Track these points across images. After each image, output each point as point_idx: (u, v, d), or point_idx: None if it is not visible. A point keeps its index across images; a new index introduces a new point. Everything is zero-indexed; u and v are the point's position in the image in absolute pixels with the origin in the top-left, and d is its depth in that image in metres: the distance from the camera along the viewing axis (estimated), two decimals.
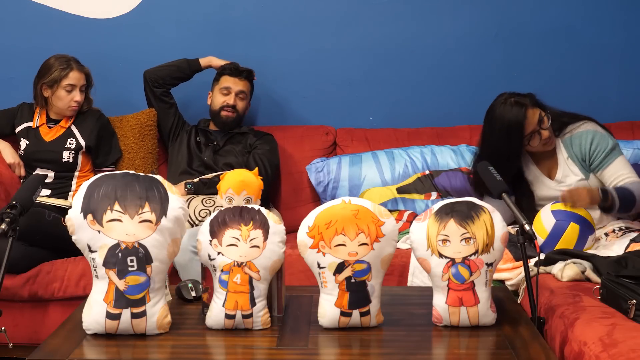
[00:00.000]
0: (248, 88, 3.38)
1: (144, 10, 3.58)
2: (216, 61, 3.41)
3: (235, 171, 2.10)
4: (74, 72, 3.18)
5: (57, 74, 3.16)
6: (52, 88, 3.18)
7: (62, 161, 3.20)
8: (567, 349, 1.99)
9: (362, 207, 1.95)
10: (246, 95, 3.37)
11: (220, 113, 3.34)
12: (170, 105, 3.42)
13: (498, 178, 2.29)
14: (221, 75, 3.37)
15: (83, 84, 3.21)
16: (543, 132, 2.79)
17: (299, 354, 1.84)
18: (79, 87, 3.19)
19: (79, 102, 3.21)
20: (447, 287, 1.96)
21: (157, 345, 1.89)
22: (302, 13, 3.58)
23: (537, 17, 3.53)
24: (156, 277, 1.91)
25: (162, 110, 3.41)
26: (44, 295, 2.86)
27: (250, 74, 3.38)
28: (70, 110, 3.22)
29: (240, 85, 3.34)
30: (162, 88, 3.39)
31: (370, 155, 3.36)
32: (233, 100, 3.32)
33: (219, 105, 3.34)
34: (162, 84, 3.39)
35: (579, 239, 2.60)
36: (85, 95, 3.25)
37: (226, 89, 3.33)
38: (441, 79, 3.59)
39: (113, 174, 1.96)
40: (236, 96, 3.33)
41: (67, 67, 3.17)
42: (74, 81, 3.17)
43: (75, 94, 3.18)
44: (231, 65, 3.37)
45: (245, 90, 3.36)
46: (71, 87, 3.17)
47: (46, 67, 3.19)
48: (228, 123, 3.35)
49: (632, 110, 3.06)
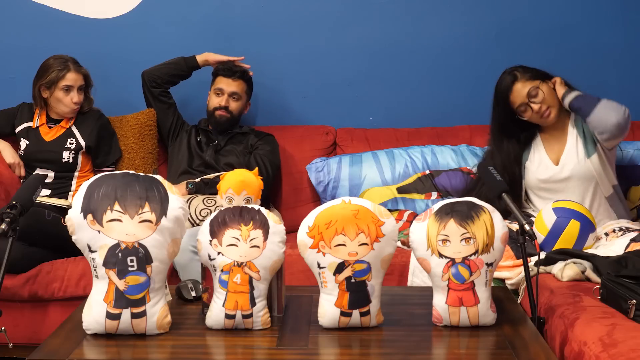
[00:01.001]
0: (242, 88, 3.37)
1: (144, 10, 3.57)
2: (213, 57, 3.39)
3: (235, 171, 2.10)
4: (71, 73, 3.17)
5: (55, 75, 3.15)
6: (50, 89, 3.17)
7: (62, 161, 3.20)
8: (567, 349, 1.99)
9: (362, 207, 1.95)
10: (240, 96, 3.36)
11: (214, 113, 3.35)
12: (169, 105, 3.42)
13: (498, 178, 2.29)
14: (216, 76, 3.38)
15: (81, 85, 3.20)
16: (533, 105, 2.84)
17: (299, 354, 1.85)
18: (76, 87, 3.18)
19: (78, 103, 3.20)
20: (447, 287, 1.96)
21: (157, 345, 1.89)
22: (302, 13, 3.58)
23: (537, 17, 3.53)
24: (156, 277, 1.91)
25: (161, 110, 3.41)
26: (44, 295, 2.86)
27: (244, 73, 3.37)
28: (71, 112, 3.22)
29: (233, 87, 3.34)
30: (160, 88, 3.39)
31: (370, 155, 3.36)
32: (225, 101, 3.32)
33: (213, 106, 3.35)
34: (160, 83, 3.38)
35: (579, 236, 2.61)
36: (85, 96, 3.25)
37: (219, 90, 3.34)
38: (441, 79, 3.59)
39: (113, 174, 1.96)
40: (229, 97, 3.33)
41: (64, 68, 3.16)
42: (71, 82, 3.17)
43: (73, 95, 3.18)
44: (225, 65, 3.36)
45: (239, 91, 3.35)
46: (68, 88, 3.17)
47: (44, 68, 3.19)
48: (222, 123, 3.35)
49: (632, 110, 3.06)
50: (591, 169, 2.84)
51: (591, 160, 2.84)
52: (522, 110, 2.88)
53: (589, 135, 2.87)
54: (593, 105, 2.74)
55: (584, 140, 2.87)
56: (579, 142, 2.88)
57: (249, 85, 3.41)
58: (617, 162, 3.12)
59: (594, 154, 2.84)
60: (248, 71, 3.38)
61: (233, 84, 3.34)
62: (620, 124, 2.71)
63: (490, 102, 3.00)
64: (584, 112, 2.77)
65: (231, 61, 3.38)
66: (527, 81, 2.87)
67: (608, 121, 2.71)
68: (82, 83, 3.21)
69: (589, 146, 2.86)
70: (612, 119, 2.71)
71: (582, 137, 2.88)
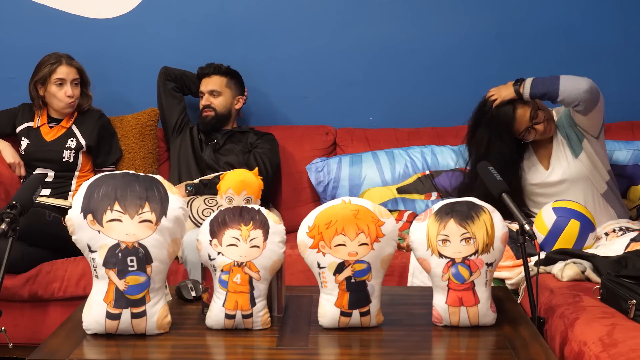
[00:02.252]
0: (221, 83, 3.36)
1: (144, 10, 3.57)
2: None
3: (235, 171, 2.10)
4: (63, 67, 3.17)
5: (47, 70, 3.16)
6: (44, 85, 3.18)
7: (62, 160, 3.20)
8: (567, 349, 1.99)
9: (362, 207, 1.95)
10: (220, 92, 3.36)
11: (202, 115, 3.37)
12: (179, 101, 3.44)
13: (498, 178, 2.29)
14: (200, 81, 3.41)
15: (75, 78, 3.19)
16: (537, 127, 2.84)
17: (299, 354, 1.84)
18: (69, 81, 3.17)
19: (72, 97, 3.19)
20: (447, 287, 1.96)
21: (157, 345, 1.89)
22: (302, 13, 3.58)
23: (536, 17, 3.53)
24: (156, 277, 1.91)
25: (171, 106, 3.41)
26: (44, 295, 2.86)
27: (217, 68, 3.37)
28: (68, 107, 3.21)
29: (210, 85, 3.35)
30: (174, 83, 3.42)
31: (370, 155, 3.36)
32: (206, 100, 3.35)
33: (200, 109, 3.38)
34: (174, 78, 3.41)
35: (579, 236, 2.61)
36: (82, 93, 3.24)
37: (201, 93, 3.38)
38: (441, 79, 3.59)
39: (113, 174, 1.96)
40: (210, 95, 3.35)
41: (56, 62, 3.17)
42: (63, 75, 3.16)
43: (67, 88, 3.17)
44: (201, 68, 3.39)
45: (217, 88, 3.35)
46: (61, 82, 3.16)
47: (38, 66, 3.20)
48: (208, 122, 3.36)
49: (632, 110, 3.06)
50: (582, 169, 2.85)
51: (580, 159, 2.85)
52: (526, 135, 2.87)
53: (573, 135, 2.87)
54: (556, 84, 2.73)
55: (569, 142, 2.88)
56: (564, 145, 2.89)
57: (230, 78, 3.39)
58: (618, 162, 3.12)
59: (581, 152, 2.85)
60: (222, 66, 3.38)
61: (210, 82, 3.36)
62: (592, 87, 2.72)
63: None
64: (552, 95, 2.75)
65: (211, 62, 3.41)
66: (524, 105, 2.85)
67: (579, 89, 2.71)
68: (76, 77, 3.20)
69: (575, 146, 2.87)
70: (582, 85, 2.71)
71: (566, 138, 2.89)
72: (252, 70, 3.52)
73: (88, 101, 3.29)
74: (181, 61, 3.48)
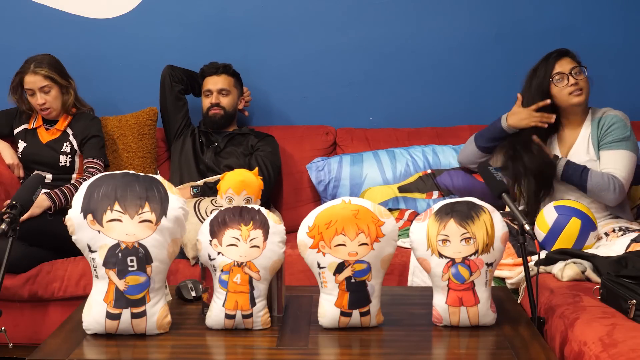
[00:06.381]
0: (229, 83, 3.38)
1: (144, 10, 3.58)
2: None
3: (235, 171, 2.10)
4: (28, 76, 3.08)
5: (18, 79, 3.13)
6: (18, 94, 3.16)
7: (59, 165, 3.18)
8: (567, 349, 1.99)
9: (362, 207, 1.95)
10: (229, 91, 3.37)
11: (208, 114, 3.37)
12: (184, 103, 3.44)
13: (498, 178, 2.29)
14: (203, 79, 3.41)
15: (43, 86, 3.08)
16: (571, 78, 2.85)
17: (299, 354, 1.85)
18: (36, 90, 3.09)
19: (42, 105, 3.11)
20: (447, 287, 1.96)
21: (157, 345, 1.89)
22: (302, 13, 3.58)
23: (536, 17, 3.53)
24: (156, 277, 1.91)
25: (175, 108, 3.40)
26: (44, 295, 2.86)
27: (226, 67, 3.38)
28: (47, 114, 3.15)
29: (219, 83, 3.35)
30: (181, 85, 3.41)
31: (371, 154, 3.36)
32: (215, 98, 3.34)
33: (206, 107, 3.37)
34: (181, 80, 3.41)
35: (580, 234, 2.61)
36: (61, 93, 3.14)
37: (208, 91, 3.37)
38: (441, 79, 3.59)
39: (113, 173, 1.96)
40: (218, 94, 3.35)
41: (22, 71, 3.10)
42: (30, 85, 3.09)
43: (37, 97, 3.10)
44: (206, 66, 3.39)
45: (226, 87, 3.36)
46: (31, 92, 3.11)
47: None
48: (217, 121, 3.36)
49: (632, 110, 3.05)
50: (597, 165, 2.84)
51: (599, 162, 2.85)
52: (558, 79, 2.87)
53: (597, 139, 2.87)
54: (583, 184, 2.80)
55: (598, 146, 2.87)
56: (590, 141, 2.87)
57: (236, 79, 3.42)
58: None
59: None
60: (230, 66, 3.39)
61: (219, 80, 3.36)
62: (618, 199, 2.80)
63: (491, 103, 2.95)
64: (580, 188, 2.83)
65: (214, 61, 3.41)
66: (576, 61, 2.90)
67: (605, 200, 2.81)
68: (44, 84, 3.09)
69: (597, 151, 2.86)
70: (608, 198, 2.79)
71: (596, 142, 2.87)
72: (252, 70, 3.52)
73: (70, 98, 3.17)
74: (181, 61, 3.47)
